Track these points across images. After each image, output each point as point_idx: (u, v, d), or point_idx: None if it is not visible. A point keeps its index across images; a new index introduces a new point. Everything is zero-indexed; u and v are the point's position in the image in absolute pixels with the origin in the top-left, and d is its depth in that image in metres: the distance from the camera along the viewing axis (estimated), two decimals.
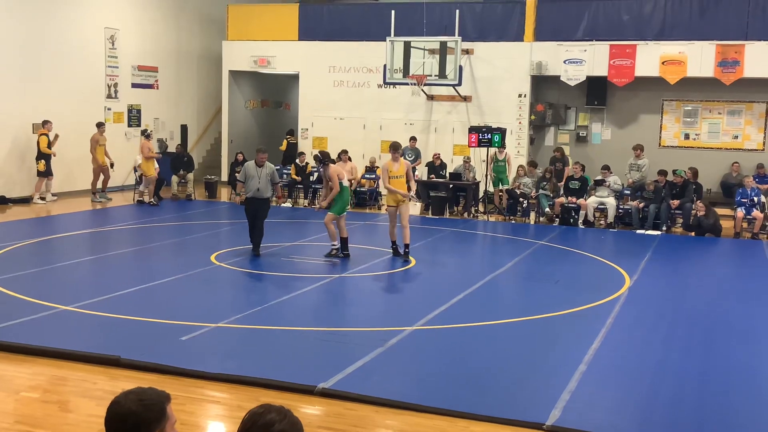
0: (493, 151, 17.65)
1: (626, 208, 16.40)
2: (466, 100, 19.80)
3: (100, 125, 17.97)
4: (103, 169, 17.98)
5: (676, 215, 16.20)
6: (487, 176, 17.61)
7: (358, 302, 9.80)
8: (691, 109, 19.53)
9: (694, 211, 15.77)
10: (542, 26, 19.36)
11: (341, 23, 21.20)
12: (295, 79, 22.35)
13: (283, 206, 17.53)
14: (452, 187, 17.79)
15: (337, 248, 11.89)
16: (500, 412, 5.88)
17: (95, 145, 17.74)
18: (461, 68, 18.50)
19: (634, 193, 16.73)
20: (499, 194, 17.85)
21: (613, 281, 10.88)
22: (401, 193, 11.87)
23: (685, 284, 11.40)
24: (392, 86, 19.74)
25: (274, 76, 23.79)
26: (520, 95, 19.50)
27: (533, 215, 17.11)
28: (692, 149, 19.44)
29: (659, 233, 15.55)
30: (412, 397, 6.12)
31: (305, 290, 9.91)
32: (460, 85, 18.78)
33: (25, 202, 17.08)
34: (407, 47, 18.51)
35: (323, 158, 12.17)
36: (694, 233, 15.52)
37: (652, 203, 16.02)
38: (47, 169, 17.08)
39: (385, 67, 18.70)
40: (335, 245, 11.89)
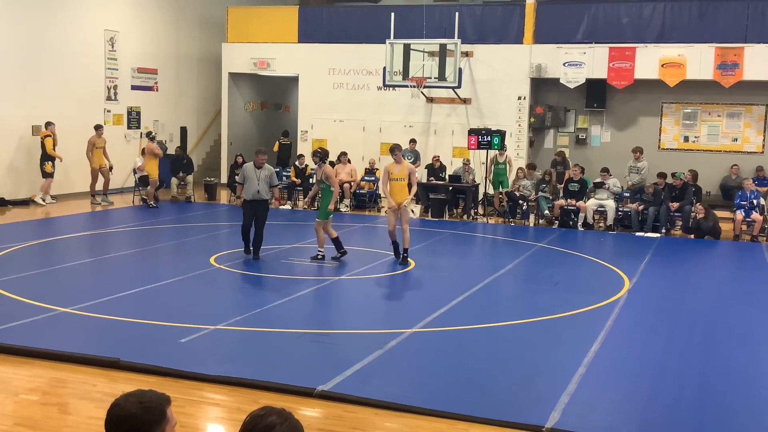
0: (493, 153, 17.66)
1: (626, 210, 16.41)
2: (465, 102, 19.80)
3: (98, 128, 17.96)
4: (102, 171, 17.99)
5: (675, 218, 16.20)
6: (486, 178, 17.63)
7: (357, 304, 9.78)
8: (690, 111, 19.53)
9: (693, 213, 15.78)
10: (542, 29, 19.37)
11: (341, 25, 21.21)
12: (294, 81, 22.35)
13: (282, 208, 17.52)
14: (452, 189, 17.79)
15: (323, 254, 11.73)
16: (499, 414, 5.88)
17: (91, 147, 17.74)
18: (461, 70, 18.50)
19: (633, 195, 16.73)
20: (499, 197, 17.85)
21: (612, 283, 10.88)
22: (391, 205, 11.72)
23: (684, 286, 11.40)
24: (392, 88, 19.74)
25: (273, 78, 23.80)
26: (519, 98, 19.51)
27: (532, 217, 17.11)
28: (691, 152, 19.45)
29: (658, 236, 15.55)
30: (411, 399, 6.12)
31: (304, 292, 9.91)
32: (459, 87, 18.78)
33: (24, 204, 17.07)
34: (407, 49, 18.51)
35: (323, 155, 11.82)
36: (693, 236, 15.53)
37: (651, 206, 16.02)
38: (53, 170, 17.15)
39: (384, 69, 18.69)
40: (321, 251, 11.74)
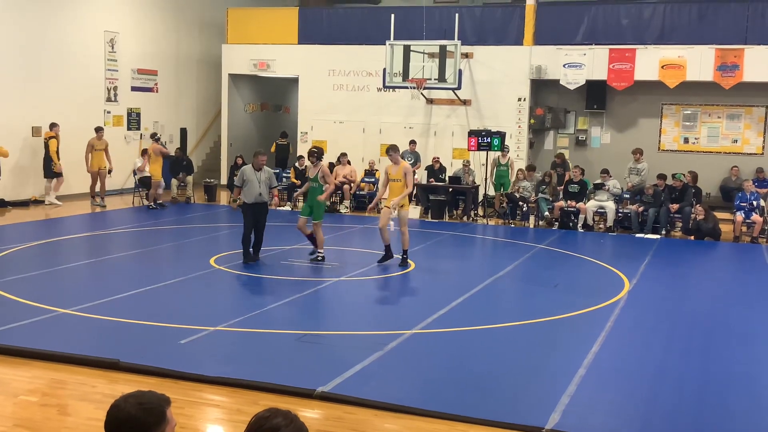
0: (495, 155, 17.64)
1: (625, 211, 16.40)
2: (465, 103, 19.80)
3: (98, 130, 17.96)
4: (100, 174, 17.98)
5: (675, 219, 16.20)
6: (486, 180, 17.62)
7: (357, 306, 9.77)
8: (690, 113, 19.54)
9: (693, 215, 15.78)
10: (542, 30, 19.37)
11: (341, 27, 21.21)
12: (294, 82, 22.35)
13: (282, 210, 17.51)
14: (451, 190, 17.79)
15: (323, 255, 11.72)
16: (499, 415, 5.88)
17: (90, 149, 17.75)
18: (461, 72, 18.50)
19: (633, 196, 16.73)
20: (500, 198, 17.85)
21: (612, 285, 10.88)
22: (382, 214, 11.75)
23: (684, 288, 11.40)
24: (392, 90, 19.75)
25: (273, 79, 23.80)
26: (519, 99, 19.51)
27: (532, 219, 17.11)
28: (691, 153, 19.45)
29: (658, 237, 15.55)
30: (411, 400, 6.11)
31: (304, 294, 9.90)
32: (459, 88, 18.79)
33: (24, 205, 17.08)
34: (407, 51, 18.50)
35: (319, 154, 11.70)
36: (693, 237, 15.53)
37: (651, 207, 16.02)
38: (62, 169, 17.24)
39: (384, 70, 18.69)
40: (321, 252, 11.74)
